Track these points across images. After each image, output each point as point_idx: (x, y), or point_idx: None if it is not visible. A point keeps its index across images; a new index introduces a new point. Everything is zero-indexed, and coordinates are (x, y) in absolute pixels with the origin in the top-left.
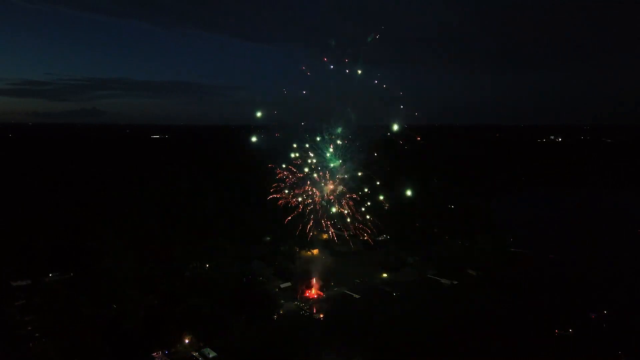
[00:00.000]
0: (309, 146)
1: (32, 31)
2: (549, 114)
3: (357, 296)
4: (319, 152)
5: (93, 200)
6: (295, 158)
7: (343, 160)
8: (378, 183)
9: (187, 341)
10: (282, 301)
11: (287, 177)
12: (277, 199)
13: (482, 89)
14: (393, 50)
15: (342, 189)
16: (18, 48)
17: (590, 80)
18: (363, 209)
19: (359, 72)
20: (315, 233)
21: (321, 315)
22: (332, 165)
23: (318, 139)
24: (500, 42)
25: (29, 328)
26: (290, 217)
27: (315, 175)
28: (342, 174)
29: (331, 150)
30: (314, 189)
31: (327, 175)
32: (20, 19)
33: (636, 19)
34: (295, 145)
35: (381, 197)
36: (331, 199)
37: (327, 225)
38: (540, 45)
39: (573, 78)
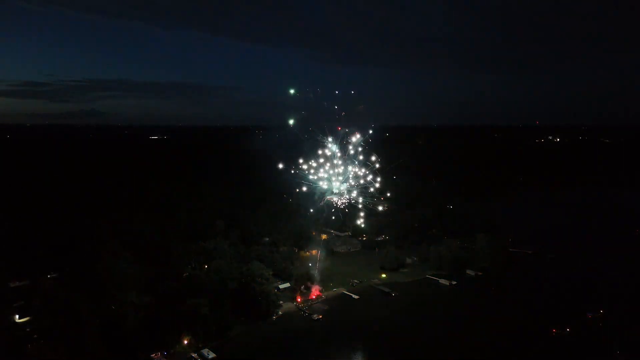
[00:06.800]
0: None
1: (31, 32)
2: (547, 114)
3: (356, 296)
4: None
5: (91, 201)
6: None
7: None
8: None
9: (186, 342)
10: (281, 302)
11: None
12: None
13: (481, 89)
14: (392, 51)
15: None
16: (17, 49)
17: (588, 80)
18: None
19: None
20: (315, 233)
21: (320, 316)
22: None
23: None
24: (499, 41)
25: (28, 329)
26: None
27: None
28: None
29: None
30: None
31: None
32: (19, 20)
33: (636, 19)
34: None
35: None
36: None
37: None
38: (540, 45)
39: (572, 78)
